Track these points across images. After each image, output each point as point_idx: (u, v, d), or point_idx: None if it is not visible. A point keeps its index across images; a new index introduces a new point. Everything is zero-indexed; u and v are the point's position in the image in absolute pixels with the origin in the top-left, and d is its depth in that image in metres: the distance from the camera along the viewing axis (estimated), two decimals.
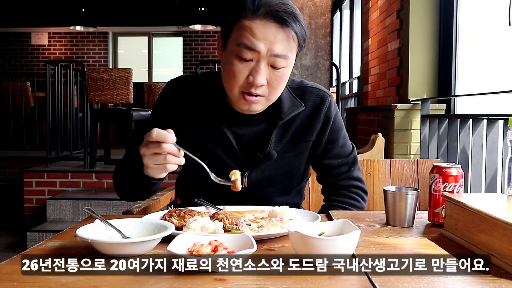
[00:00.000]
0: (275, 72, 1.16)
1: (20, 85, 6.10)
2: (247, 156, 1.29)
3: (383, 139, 3.57)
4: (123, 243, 0.86)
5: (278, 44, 1.13)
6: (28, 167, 5.03)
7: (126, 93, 4.57)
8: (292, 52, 1.17)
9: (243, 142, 1.29)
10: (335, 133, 1.35)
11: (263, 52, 1.12)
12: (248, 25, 1.13)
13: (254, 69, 1.14)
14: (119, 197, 1.36)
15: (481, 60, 3.25)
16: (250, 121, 1.28)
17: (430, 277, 0.76)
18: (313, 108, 1.31)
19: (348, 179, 1.39)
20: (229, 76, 1.18)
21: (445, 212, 1.03)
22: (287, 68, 1.18)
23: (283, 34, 1.13)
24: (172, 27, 9.43)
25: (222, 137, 1.26)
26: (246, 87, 1.16)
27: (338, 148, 1.37)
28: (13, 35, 9.48)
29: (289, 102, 1.28)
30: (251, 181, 1.29)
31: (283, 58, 1.14)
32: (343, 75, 6.95)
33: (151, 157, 1.06)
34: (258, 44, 1.12)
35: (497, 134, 2.38)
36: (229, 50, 1.17)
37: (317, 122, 1.31)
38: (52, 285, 0.73)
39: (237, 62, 1.15)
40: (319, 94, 1.33)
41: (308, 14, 3.68)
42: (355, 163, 1.41)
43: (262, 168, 1.29)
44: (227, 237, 0.89)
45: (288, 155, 1.31)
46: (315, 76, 3.72)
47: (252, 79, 1.14)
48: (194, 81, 1.33)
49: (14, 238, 4.46)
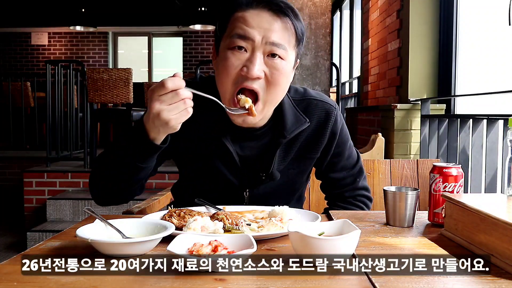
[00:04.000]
0: (273, 64, 1.06)
1: (20, 85, 6.10)
2: (249, 173, 1.22)
3: (383, 139, 3.56)
4: (123, 243, 0.86)
5: (274, 32, 1.04)
6: (28, 167, 5.03)
7: (126, 93, 4.57)
8: (290, 44, 1.08)
9: (246, 159, 1.21)
10: (341, 146, 1.29)
11: (258, 40, 1.04)
12: (241, 15, 1.06)
13: (248, 60, 1.05)
14: (96, 200, 1.21)
15: (481, 60, 3.25)
16: (252, 135, 1.20)
17: (430, 277, 0.76)
18: (318, 123, 1.23)
19: (354, 189, 1.34)
20: (222, 73, 1.08)
21: (445, 212, 1.03)
22: (286, 62, 1.08)
23: (280, 23, 1.06)
24: (172, 27, 9.43)
25: (225, 152, 1.18)
26: (240, 82, 1.06)
27: (344, 161, 1.31)
28: (13, 35, 9.48)
29: (292, 118, 1.19)
30: (251, 197, 1.25)
31: (281, 48, 1.05)
32: (343, 75, 6.95)
33: (171, 108, 0.94)
34: (251, 32, 1.04)
35: (497, 134, 2.38)
36: (222, 48, 1.09)
37: (322, 139, 1.24)
38: (52, 285, 0.73)
39: (230, 55, 1.05)
40: (324, 108, 1.23)
41: (308, 14, 3.68)
42: (361, 173, 1.35)
43: (263, 186, 1.23)
44: (227, 237, 0.89)
45: (292, 172, 1.25)
46: (315, 76, 3.72)
47: (247, 70, 1.04)
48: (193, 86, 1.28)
49: (14, 238, 4.46)
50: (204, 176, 1.25)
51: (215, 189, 1.25)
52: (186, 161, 1.28)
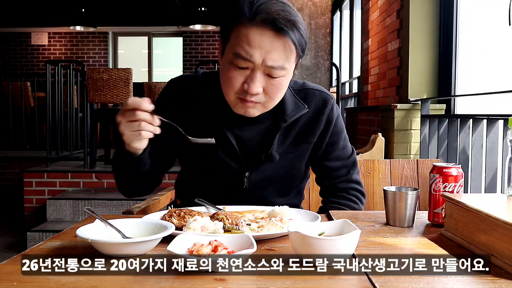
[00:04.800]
0: (271, 81, 1.14)
1: (20, 85, 6.10)
2: (249, 157, 1.29)
3: (383, 139, 3.56)
4: (123, 243, 0.86)
5: (274, 53, 1.10)
6: (28, 167, 5.03)
7: (126, 93, 4.57)
8: (290, 61, 1.14)
9: (245, 143, 1.28)
10: (336, 135, 1.35)
11: (258, 62, 1.10)
12: (244, 33, 1.11)
13: (249, 77, 1.13)
14: (123, 194, 1.37)
15: (481, 60, 3.25)
16: (253, 121, 1.27)
17: (430, 277, 0.76)
18: (315, 110, 1.31)
19: (348, 181, 1.39)
20: (225, 82, 1.17)
21: (445, 212, 1.03)
22: (285, 77, 1.16)
23: (280, 43, 1.10)
24: (172, 27, 9.43)
25: (223, 138, 1.25)
26: (241, 94, 1.15)
27: (338, 150, 1.37)
28: (13, 35, 9.49)
29: (292, 104, 1.27)
30: (252, 181, 1.29)
31: (279, 69, 1.12)
32: (343, 75, 6.95)
33: (127, 125, 1.07)
34: (253, 54, 1.10)
35: (497, 134, 2.38)
36: (226, 57, 1.16)
37: (319, 124, 1.31)
38: (52, 285, 0.73)
39: (233, 70, 1.13)
40: (321, 96, 1.32)
41: (308, 14, 3.68)
42: (355, 166, 1.41)
43: (263, 168, 1.29)
44: (227, 237, 0.89)
45: (290, 156, 1.31)
46: (315, 76, 3.72)
47: (247, 87, 1.13)
48: (195, 81, 1.31)
49: (14, 238, 4.46)
50: (204, 164, 1.32)
51: (216, 175, 1.31)
52: (185, 153, 1.34)
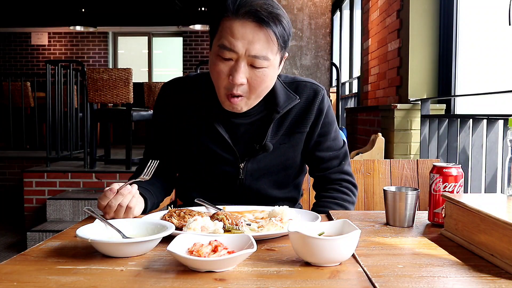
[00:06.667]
0: (255, 72, 1.18)
1: (20, 85, 6.10)
2: (243, 148, 1.33)
3: (383, 139, 3.57)
4: (123, 243, 0.86)
5: (256, 44, 1.15)
6: (28, 167, 5.04)
7: (126, 93, 4.57)
8: (272, 52, 1.18)
9: (239, 135, 1.32)
10: (327, 126, 1.39)
11: (241, 52, 1.15)
12: (228, 25, 1.16)
13: (233, 68, 1.17)
14: None
15: (481, 60, 3.25)
16: (245, 114, 1.31)
17: (430, 277, 0.76)
18: (307, 100, 1.35)
19: (339, 172, 1.42)
20: (214, 77, 1.22)
21: (445, 212, 1.03)
22: (269, 68, 1.19)
23: (262, 34, 1.15)
24: (172, 27, 9.44)
25: (216, 133, 1.31)
26: (229, 88, 1.20)
27: (330, 141, 1.40)
28: (13, 35, 9.49)
29: (284, 96, 1.32)
30: (247, 172, 1.33)
31: (262, 59, 1.16)
32: (343, 75, 6.95)
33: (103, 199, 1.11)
34: (236, 44, 1.15)
35: (497, 134, 2.38)
36: (213, 50, 1.21)
37: (311, 114, 1.35)
38: (52, 285, 0.72)
39: (219, 62, 1.18)
40: (312, 87, 1.37)
41: (308, 14, 3.68)
42: (346, 157, 1.44)
43: (258, 159, 1.33)
44: (227, 237, 0.89)
45: (284, 146, 1.34)
46: (315, 76, 3.72)
47: (232, 78, 1.17)
48: (186, 82, 1.37)
49: (14, 238, 4.47)
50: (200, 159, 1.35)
51: (213, 169, 1.35)
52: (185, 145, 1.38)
